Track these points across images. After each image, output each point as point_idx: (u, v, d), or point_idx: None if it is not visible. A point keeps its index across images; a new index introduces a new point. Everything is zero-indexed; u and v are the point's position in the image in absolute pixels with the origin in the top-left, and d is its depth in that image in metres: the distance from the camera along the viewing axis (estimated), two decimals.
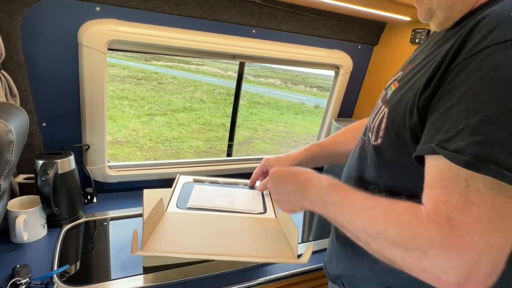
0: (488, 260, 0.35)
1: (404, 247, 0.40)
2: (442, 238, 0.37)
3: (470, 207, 0.36)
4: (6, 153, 0.59)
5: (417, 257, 0.39)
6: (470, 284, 0.36)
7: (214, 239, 0.74)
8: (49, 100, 1.02)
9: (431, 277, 0.39)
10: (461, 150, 0.37)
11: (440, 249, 0.37)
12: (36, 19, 0.91)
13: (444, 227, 0.37)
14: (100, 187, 1.22)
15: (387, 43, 1.43)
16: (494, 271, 0.36)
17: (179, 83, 8.81)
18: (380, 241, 0.43)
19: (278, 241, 0.76)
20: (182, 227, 0.78)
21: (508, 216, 0.35)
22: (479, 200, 0.36)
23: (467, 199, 0.36)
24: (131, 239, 0.67)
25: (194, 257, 0.67)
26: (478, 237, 0.35)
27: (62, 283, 0.76)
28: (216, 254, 0.68)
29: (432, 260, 0.38)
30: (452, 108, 0.40)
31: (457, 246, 0.36)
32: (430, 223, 0.38)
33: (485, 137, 0.36)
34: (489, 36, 0.39)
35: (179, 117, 6.81)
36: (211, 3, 1.08)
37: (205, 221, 0.82)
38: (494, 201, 0.35)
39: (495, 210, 0.35)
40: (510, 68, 0.36)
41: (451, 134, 0.38)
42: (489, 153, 0.35)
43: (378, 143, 0.55)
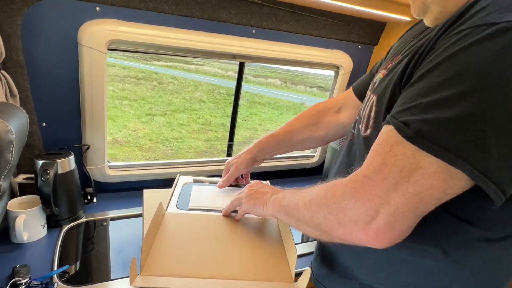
0: (386, 213, 0.40)
1: (327, 205, 0.47)
2: (352, 191, 0.43)
3: (383, 168, 0.41)
4: (6, 153, 0.59)
5: (334, 211, 0.46)
6: (371, 230, 0.42)
7: (213, 251, 0.73)
8: (49, 100, 1.02)
9: (343, 230, 0.45)
10: (408, 124, 0.39)
11: (350, 200, 0.43)
12: (36, 19, 0.91)
13: (357, 183, 0.43)
14: (100, 187, 1.22)
15: (387, 43, 1.43)
16: (393, 224, 0.41)
17: (179, 83, 8.81)
18: (313, 206, 0.51)
19: (277, 252, 0.75)
20: (181, 233, 0.77)
21: (412, 183, 0.39)
22: (392, 163, 0.40)
23: (384, 161, 0.41)
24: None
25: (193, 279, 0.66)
26: (380, 192, 0.40)
27: (62, 283, 0.76)
28: (216, 277, 0.66)
29: (344, 211, 0.44)
30: (415, 83, 0.42)
31: (361, 197, 0.42)
32: (349, 181, 0.45)
33: (433, 117, 0.37)
34: (471, 19, 0.39)
35: (179, 117, 6.81)
36: (211, 3, 1.08)
37: (205, 225, 0.82)
38: (404, 167, 0.39)
39: (401, 174, 0.39)
40: (476, 52, 0.36)
41: (404, 108, 0.41)
42: (432, 131, 0.37)
43: (367, 133, 0.54)
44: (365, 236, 0.43)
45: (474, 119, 0.36)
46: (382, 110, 0.50)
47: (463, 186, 0.39)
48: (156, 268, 0.66)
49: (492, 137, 0.35)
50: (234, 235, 0.80)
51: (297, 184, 1.53)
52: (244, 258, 0.72)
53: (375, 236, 0.42)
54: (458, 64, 0.37)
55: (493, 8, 0.37)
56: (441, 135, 0.37)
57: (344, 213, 0.44)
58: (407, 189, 0.39)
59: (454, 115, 0.36)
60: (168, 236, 0.76)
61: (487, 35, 0.36)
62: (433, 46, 0.42)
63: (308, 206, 0.52)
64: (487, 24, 0.36)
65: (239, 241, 0.78)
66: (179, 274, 0.65)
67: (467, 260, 0.48)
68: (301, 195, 0.56)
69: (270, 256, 0.74)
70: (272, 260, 0.73)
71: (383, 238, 0.42)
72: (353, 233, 0.44)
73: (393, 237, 0.42)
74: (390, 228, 0.41)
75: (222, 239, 0.78)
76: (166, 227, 0.79)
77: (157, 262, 0.67)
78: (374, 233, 0.42)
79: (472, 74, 0.36)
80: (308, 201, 0.52)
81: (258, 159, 0.91)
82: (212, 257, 0.71)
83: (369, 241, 0.43)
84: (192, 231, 0.79)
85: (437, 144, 0.37)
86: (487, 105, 0.35)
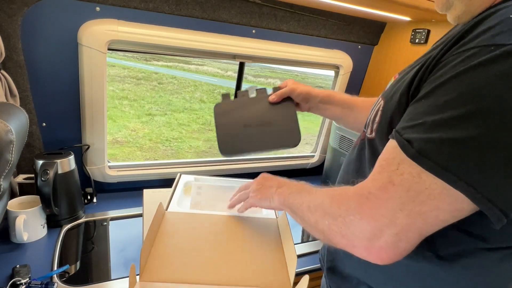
0: (390, 233, 0.40)
1: (332, 216, 0.47)
2: (357, 207, 0.43)
3: (389, 187, 0.40)
4: (6, 153, 0.59)
5: (338, 224, 0.45)
6: (374, 249, 0.42)
7: (212, 256, 0.72)
8: (49, 100, 1.02)
9: (347, 242, 0.45)
10: (411, 141, 0.39)
11: (355, 216, 0.43)
12: (36, 19, 0.91)
13: (363, 198, 0.43)
14: (100, 187, 1.22)
15: (387, 43, 1.43)
16: (397, 244, 0.41)
17: (179, 83, 8.80)
18: (318, 213, 0.51)
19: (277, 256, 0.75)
20: (181, 234, 0.77)
21: (418, 203, 0.38)
22: (399, 182, 0.40)
23: (390, 179, 0.40)
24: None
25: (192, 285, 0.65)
26: (386, 212, 0.40)
27: (62, 283, 0.76)
28: (215, 283, 0.66)
29: (348, 226, 0.44)
30: (422, 100, 0.41)
31: (366, 215, 0.42)
32: (354, 195, 0.44)
33: (436, 136, 0.37)
34: (480, 37, 0.38)
35: (179, 117, 6.80)
36: (211, 3, 1.08)
37: (205, 225, 0.82)
38: (411, 187, 0.39)
39: (408, 195, 0.39)
40: (481, 73, 0.36)
41: (410, 125, 0.41)
42: (434, 151, 0.37)
43: (372, 136, 0.54)
44: (367, 253, 0.43)
45: (476, 141, 0.35)
46: (387, 116, 0.50)
47: (470, 209, 0.38)
48: (155, 274, 0.66)
49: (495, 160, 0.35)
50: (234, 235, 0.80)
51: None
52: (243, 263, 0.72)
53: (378, 254, 0.42)
54: (464, 85, 0.37)
55: (503, 28, 0.37)
56: (442, 155, 0.37)
57: (348, 227, 0.44)
58: (412, 210, 0.39)
59: (457, 136, 0.36)
60: (168, 238, 0.76)
61: (495, 56, 0.35)
62: (440, 60, 0.42)
63: (313, 212, 0.52)
64: (496, 45, 0.36)
65: (239, 242, 0.78)
66: (178, 280, 0.65)
67: (463, 267, 0.47)
68: (306, 197, 0.56)
69: (269, 260, 0.74)
70: (271, 265, 0.73)
71: (385, 257, 0.42)
72: (355, 248, 0.44)
73: (395, 255, 0.42)
74: (394, 247, 0.41)
75: (222, 240, 0.78)
76: (166, 227, 0.79)
77: (156, 266, 0.67)
78: (376, 252, 0.42)
79: (476, 96, 0.36)
80: (313, 206, 0.52)
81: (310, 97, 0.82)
82: (212, 261, 0.71)
83: (371, 258, 0.43)
84: (192, 231, 0.79)
85: (438, 164, 0.37)
86: (491, 127, 0.35)
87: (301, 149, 0.79)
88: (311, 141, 1.77)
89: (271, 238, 0.81)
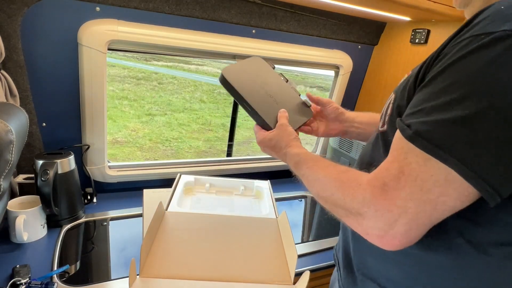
0: (403, 222, 0.42)
1: (345, 208, 0.48)
2: (373, 199, 0.44)
3: (401, 177, 0.42)
4: (6, 153, 0.59)
5: (353, 215, 0.47)
6: (387, 237, 0.44)
7: (213, 252, 0.72)
8: (49, 100, 1.02)
9: (364, 231, 0.46)
10: (410, 126, 0.42)
11: (370, 208, 0.44)
12: (36, 19, 0.91)
13: (377, 190, 0.44)
14: (100, 187, 1.22)
15: (387, 43, 1.43)
16: (408, 232, 0.43)
17: (179, 83, 8.79)
18: (328, 204, 0.53)
19: (277, 253, 0.75)
20: (181, 233, 0.77)
21: (426, 191, 0.40)
22: (408, 173, 0.41)
23: (401, 170, 0.42)
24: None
25: (192, 281, 0.65)
26: (399, 202, 0.42)
27: (62, 283, 0.76)
28: (214, 279, 0.66)
29: (363, 217, 0.45)
30: (423, 89, 0.44)
31: (382, 206, 0.43)
32: (368, 186, 0.45)
33: (432, 119, 0.40)
34: (473, 28, 0.41)
35: (179, 117, 6.80)
36: (211, 3, 1.08)
37: (205, 225, 0.82)
38: (418, 176, 0.41)
39: (416, 184, 0.41)
40: (473, 60, 0.39)
41: (411, 112, 0.44)
42: (428, 132, 0.40)
43: (384, 128, 0.56)
44: (379, 240, 0.45)
45: (467, 121, 0.38)
46: (395, 108, 0.53)
47: (476, 193, 0.39)
48: (155, 270, 0.66)
49: (486, 139, 0.37)
50: (234, 234, 0.80)
51: (297, 184, 1.53)
52: (243, 259, 0.72)
53: (390, 242, 0.44)
54: (457, 72, 0.40)
55: (494, 18, 0.40)
56: (436, 135, 0.39)
57: (363, 217, 0.45)
58: (421, 198, 0.40)
59: (450, 117, 0.39)
60: (168, 236, 0.76)
61: (484, 43, 0.38)
62: (440, 53, 0.44)
63: (324, 202, 0.54)
64: (486, 33, 0.39)
65: (239, 241, 0.78)
66: (178, 276, 0.65)
67: (474, 260, 0.47)
68: (318, 175, 0.57)
69: (269, 257, 0.74)
70: (272, 262, 0.73)
71: (397, 244, 0.44)
72: (368, 235, 0.46)
73: (406, 242, 0.44)
74: (406, 235, 0.43)
75: (223, 239, 0.78)
76: (166, 226, 0.79)
77: (156, 263, 0.67)
78: (389, 240, 0.44)
79: (468, 81, 0.39)
80: (322, 196, 0.54)
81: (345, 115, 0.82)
82: (212, 258, 0.71)
83: (383, 245, 0.45)
84: (192, 231, 0.79)
85: (432, 143, 0.39)
86: (481, 108, 0.37)
87: None
88: (311, 141, 1.77)
89: (271, 237, 0.81)
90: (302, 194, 1.43)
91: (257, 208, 1.03)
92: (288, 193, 1.42)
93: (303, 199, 1.40)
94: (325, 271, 0.96)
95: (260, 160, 1.50)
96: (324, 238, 1.08)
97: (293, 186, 1.49)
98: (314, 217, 1.29)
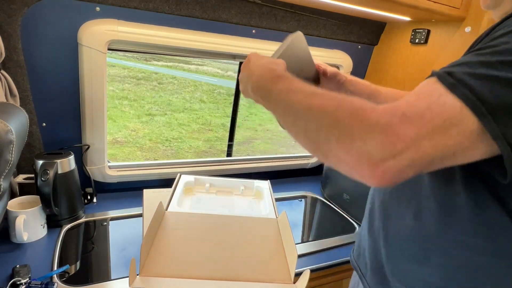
0: (408, 157, 0.38)
1: (342, 129, 0.42)
2: (387, 124, 0.39)
3: (427, 113, 0.38)
4: (6, 153, 0.59)
5: (351, 138, 0.41)
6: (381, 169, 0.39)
7: (213, 252, 0.72)
8: (49, 100, 1.02)
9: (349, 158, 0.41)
10: (452, 73, 0.39)
11: (380, 133, 0.39)
12: (36, 19, 0.91)
13: (395, 118, 0.39)
14: (100, 187, 1.22)
15: (387, 43, 1.43)
16: (405, 169, 0.39)
17: (179, 83, 8.80)
18: (324, 120, 0.44)
19: (277, 252, 0.75)
20: (181, 233, 0.77)
21: (448, 137, 0.38)
22: (437, 112, 0.38)
23: (429, 106, 0.39)
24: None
25: (192, 280, 0.65)
26: (415, 136, 0.38)
27: (62, 283, 0.76)
28: (215, 278, 0.66)
29: (364, 141, 0.40)
30: (471, 51, 0.42)
31: (394, 134, 0.39)
32: (384, 112, 0.40)
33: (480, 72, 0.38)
34: None
35: (179, 117, 6.80)
36: (211, 3, 1.08)
37: (205, 225, 0.82)
38: (447, 119, 0.38)
39: (443, 126, 0.38)
40: None
41: (455, 64, 0.41)
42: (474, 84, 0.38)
43: None
44: (371, 168, 0.40)
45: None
46: None
47: (483, 152, 0.39)
48: (155, 269, 0.66)
49: None
50: (234, 234, 0.80)
51: (297, 184, 1.53)
52: (243, 259, 0.72)
53: (382, 175, 0.39)
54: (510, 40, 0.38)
55: None
56: (480, 88, 0.37)
57: (364, 141, 0.40)
58: (440, 141, 0.38)
59: (500, 75, 0.37)
60: (168, 236, 0.76)
61: None
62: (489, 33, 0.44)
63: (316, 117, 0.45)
64: None
65: (239, 241, 0.78)
66: (178, 275, 0.65)
67: None
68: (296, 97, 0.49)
69: (269, 256, 0.74)
70: (272, 261, 0.73)
71: (387, 179, 0.40)
72: (360, 161, 0.40)
73: (396, 179, 0.40)
74: (402, 171, 0.39)
75: (223, 238, 0.78)
76: (166, 226, 0.79)
77: (156, 262, 0.67)
78: (382, 172, 0.39)
79: None
80: (317, 111, 0.45)
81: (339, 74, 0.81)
82: (212, 257, 0.71)
83: (371, 175, 0.40)
84: (192, 230, 0.80)
85: (474, 94, 0.37)
86: None
87: (301, 149, 0.78)
88: None
89: (271, 236, 0.81)
90: (302, 194, 1.43)
91: (257, 208, 1.03)
92: (288, 193, 1.42)
93: (303, 199, 1.40)
94: (325, 271, 0.96)
95: (260, 160, 1.50)
96: (324, 238, 1.08)
97: (293, 186, 1.49)
98: (314, 217, 1.29)
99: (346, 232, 1.14)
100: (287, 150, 6.21)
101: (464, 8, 1.08)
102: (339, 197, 1.31)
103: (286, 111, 0.51)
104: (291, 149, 6.08)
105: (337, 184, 1.33)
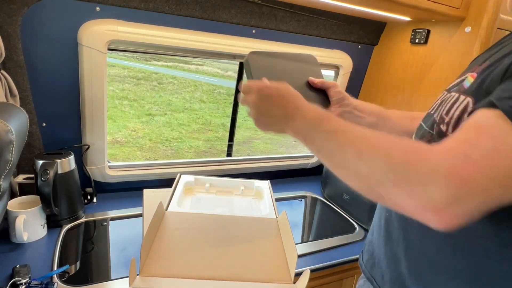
0: (477, 202, 0.36)
1: (398, 174, 0.40)
2: (451, 167, 0.37)
3: (495, 155, 0.36)
4: (6, 153, 0.59)
5: (410, 183, 0.39)
6: (448, 214, 0.37)
7: (213, 252, 0.72)
8: (49, 100, 1.02)
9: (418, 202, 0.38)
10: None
11: (442, 177, 0.37)
12: (36, 19, 0.91)
13: (457, 160, 0.37)
14: (100, 187, 1.22)
15: (387, 43, 1.43)
16: (473, 214, 0.37)
17: (179, 83, 8.80)
18: (377, 164, 0.42)
19: (277, 252, 0.75)
20: (181, 233, 0.77)
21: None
22: (506, 153, 0.36)
23: (495, 147, 0.36)
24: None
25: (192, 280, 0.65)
26: (484, 181, 0.36)
27: (62, 283, 0.76)
28: (215, 278, 0.66)
29: (426, 185, 0.38)
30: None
31: (459, 178, 0.36)
32: (444, 153, 0.38)
33: None
34: None
35: (179, 117, 6.80)
36: (211, 3, 1.08)
37: (205, 225, 0.82)
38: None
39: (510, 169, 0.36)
40: None
41: (508, 95, 0.38)
42: None
43: (449, 133, 0.51)
44: (436, 216, 0.38)
45: None
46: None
47: None
48: (155, 269, 0.66)
49: None
50: (234, 235, 0.80)
51: (297, 184, 1.53)
52: (243, 259, 0.72)
53: (449, 220, 0.37)
54: None
55: None
56: None
57: (425, 186, 0.37)
58: (509, 185, 0.36)
59: None
60: (168, 236, 0.76)
61: None
62: None
63: (367, 161, 0.43)
64: None
65: (239, 241, 0.78)
66: (178, 275, 0.65)
67: None
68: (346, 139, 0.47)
69: (269, 257, 0.74)
70: (272, 261, 0.73)
71: (454, 224, 0.37)
72: (423, 207, 0.38)
73: (461, 223, 0.38)
74: (470, 216, 0.37)
75: (223, 238, 0.78)
76: (166, 226, 0.79)
77: (156, 262, 0.67)
78: (449, 217, 0.37)
79: None
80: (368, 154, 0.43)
81: (346, 100, 0.78)
82: (212, 257, 0.71)
83: (437, 221, 0.38)
84: (192, 230, 0.80)
85: None
86: None
87: (301, 149, 0.77)
88: None
89: (271, 236, 0.81)
90: (302, 194, 1.43)
91: (257, 208, 1.03)
92: (288, 193, 1.42)
93: (303, 199, 1.40)
94: (325, 271, 0.97)
95: (260, 160, 1.50)
96: (324, 238, 1.08)
97: (293, 186, 1.49)
98: (314, 217, 1.29)
99: (346, 232, 1.14)
100: (287, 150, 6.21)
101: (464, 8, 1.08)
102: (339, 197, 1.31)
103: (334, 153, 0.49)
104: (291, 149, 6.08)
105: (337, 184, 1.33)
